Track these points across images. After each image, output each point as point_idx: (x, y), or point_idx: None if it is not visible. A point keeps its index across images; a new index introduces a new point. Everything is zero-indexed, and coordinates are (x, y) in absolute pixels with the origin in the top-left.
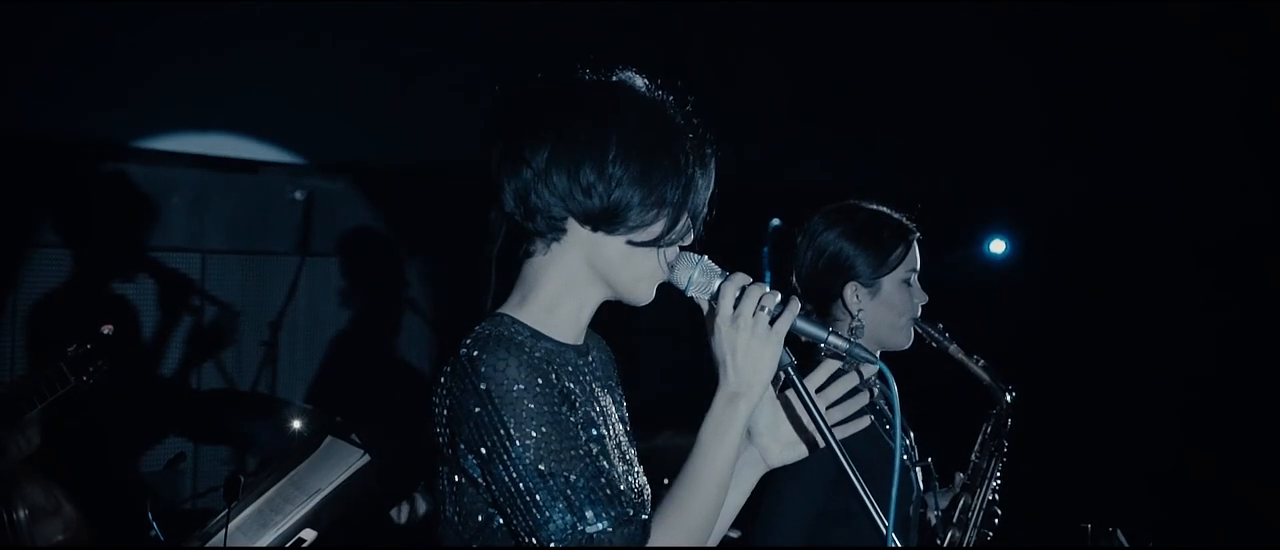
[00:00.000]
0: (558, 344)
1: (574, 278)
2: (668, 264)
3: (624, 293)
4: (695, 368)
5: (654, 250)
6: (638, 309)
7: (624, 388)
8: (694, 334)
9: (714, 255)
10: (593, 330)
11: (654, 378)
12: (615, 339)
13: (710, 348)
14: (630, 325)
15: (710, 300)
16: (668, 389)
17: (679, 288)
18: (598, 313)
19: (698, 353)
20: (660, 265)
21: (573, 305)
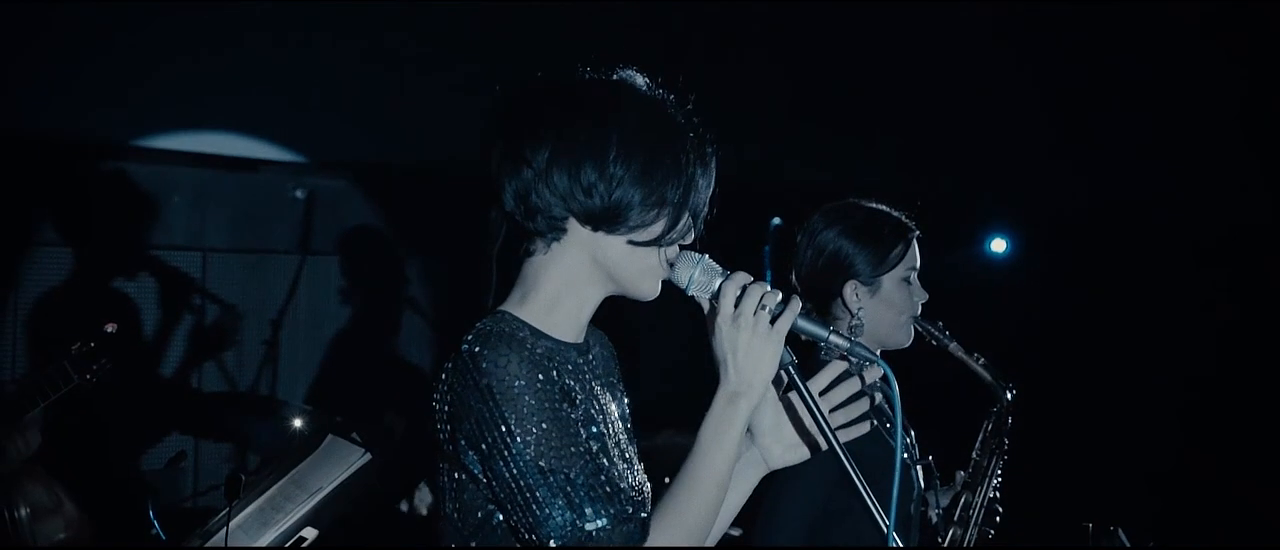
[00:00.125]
0: (558, 342)
1: (575, 276)
2: (668, 263)
3: (628, 289)
4: (696, 367)
5: (655, 249)
6: (638, 308)
7: (625, 386)
8: (695, 333)
9: (715, 254)
10: (595, 326)
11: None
12: (615, 337)
13: (711, 347)
14: (631, 324)
15: (711, 299)
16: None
17: (680, 286)
18: (597, 311)
19: (698, 352)
20: (661, 264)
21: (573, 304)
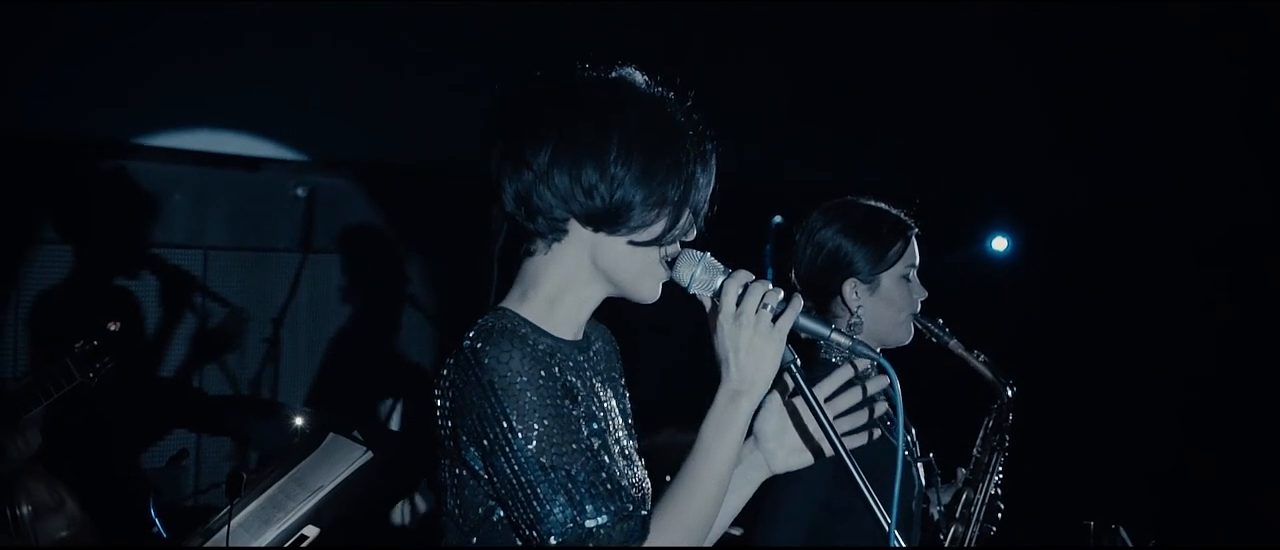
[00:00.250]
0: (559, 340)
1: (575, 276)
2: (668, 261)
3: (628, 291)
4: (697, 365)
5: (656, 249)
6: (640, 306)
7: (627, 382)
8: (696, 331)
9: (716, 252)
10: (597, 321)
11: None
12: (616, 336)
13: (712, 345)
14: (632, 323)
15: (713, 297)
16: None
17: (681, 285)
18: (598, 308)
19: (700, 350)
20: (662, 264)
21: (573, 303)
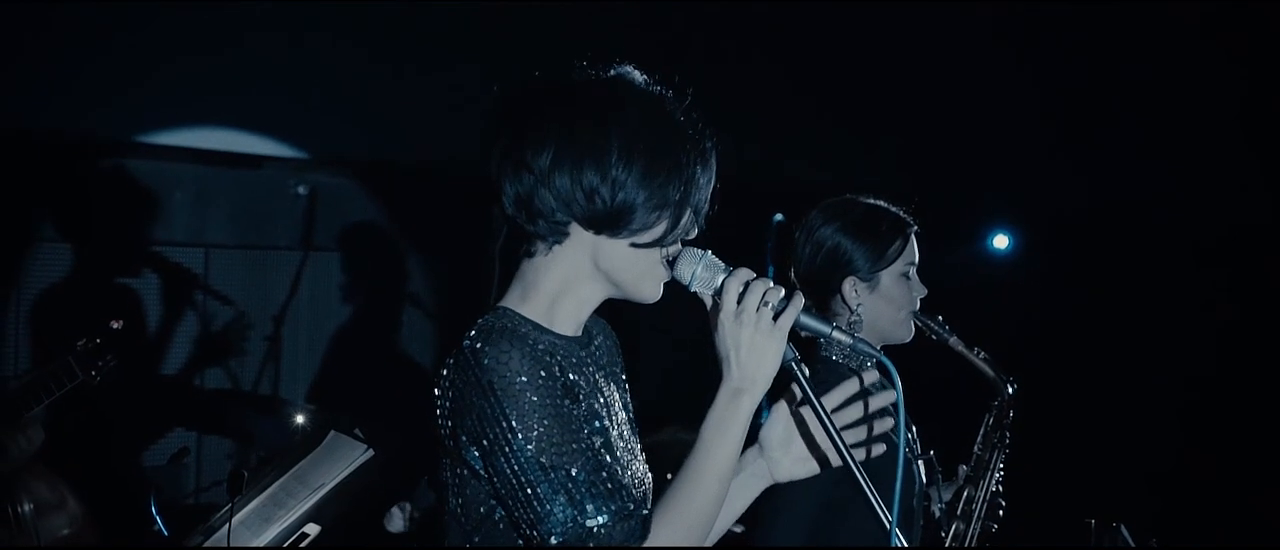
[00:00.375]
0: (559, 337)
1: (576, 277)
2: (669, 260)
3: (630, 292)
4: (698, 363)
5: (657, 250)
6: (640, 305)
7: (628, 377)
8: (697, 329)
9: (717, 250)
10: (597, 316)
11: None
12: (617, 334)
13: (713, 343)
14: (633, 321)
15: (714, 295)
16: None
17: (682, 283)
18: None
19: (701, 348)
20: (663, 264)
21: (574, 303)
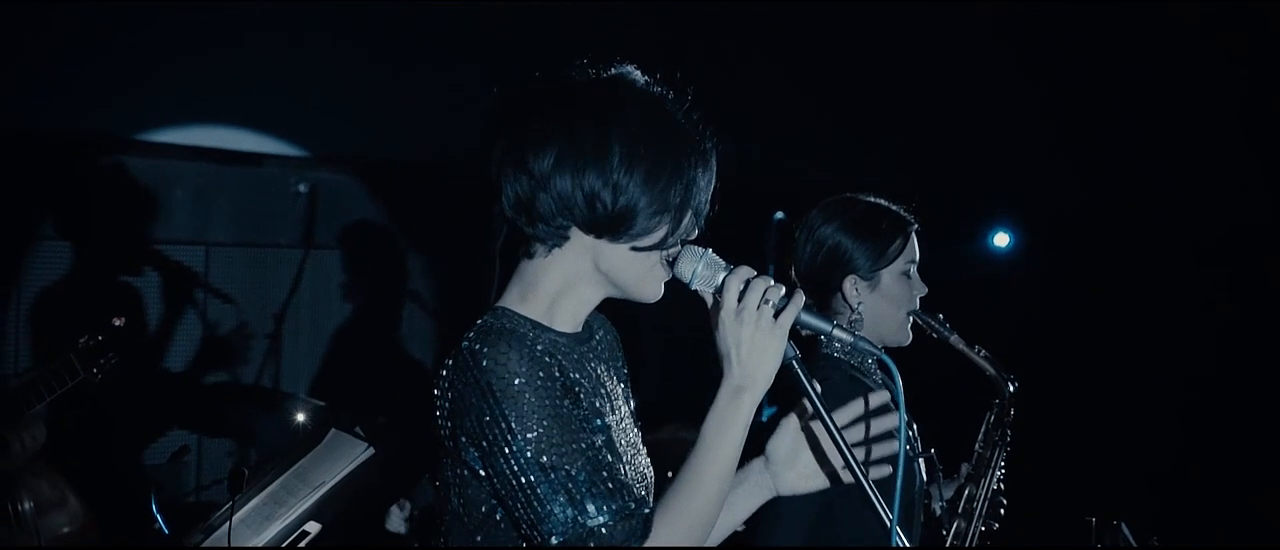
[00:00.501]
0: (560, 335)
1: (576, 278)
2: (669, 261)
3: (632, 293)
4: (699, 361)
5: (658, 252)
6: (641, 303)
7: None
8: (698, 327)
9: (717, 249)
10: (596, 311)
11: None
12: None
13: (714, 341)
14: (633, 319)
15: (714, 293)
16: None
17: (683, 281)
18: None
19: (701, 346)
20: (663, 265)
21: (574, 302)
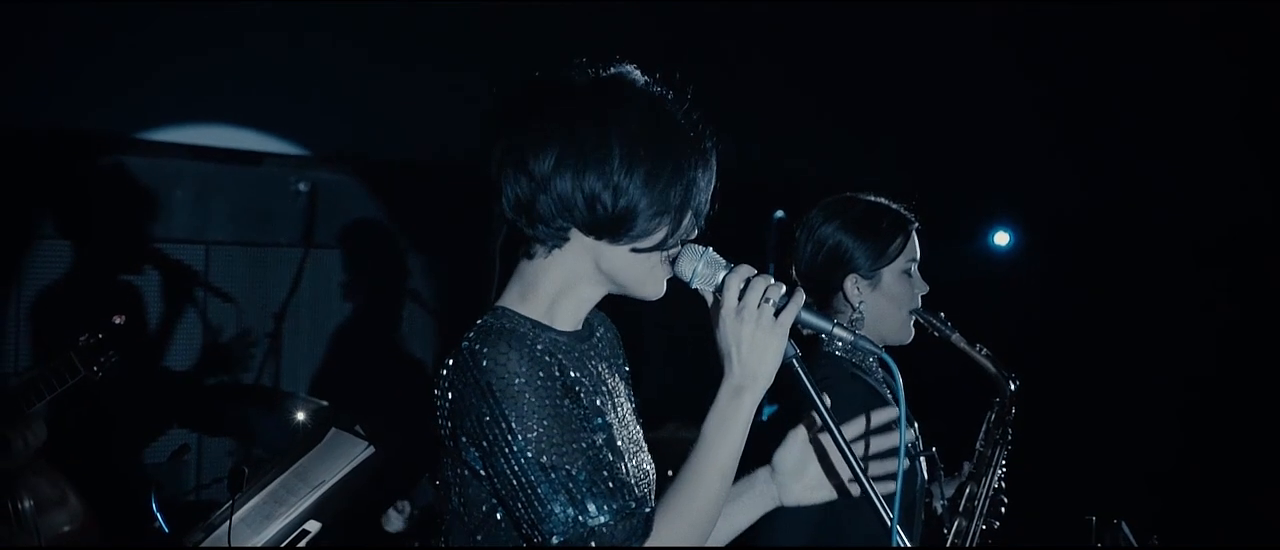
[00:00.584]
0: (560, 333)
1: (577, 278)
2: (669, 260)
3: (633, 292)
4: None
5: (659, 253)
6: (642, 302)
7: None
8: (698, 326)
9: (717, 248)
10: (596, 308)
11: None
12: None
13: (715, 340)
14: (634, 317)
15: (715, 292)
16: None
17: (683, 280)
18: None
19: (702, 345)
20: (663, 265)
21: (574, 301)
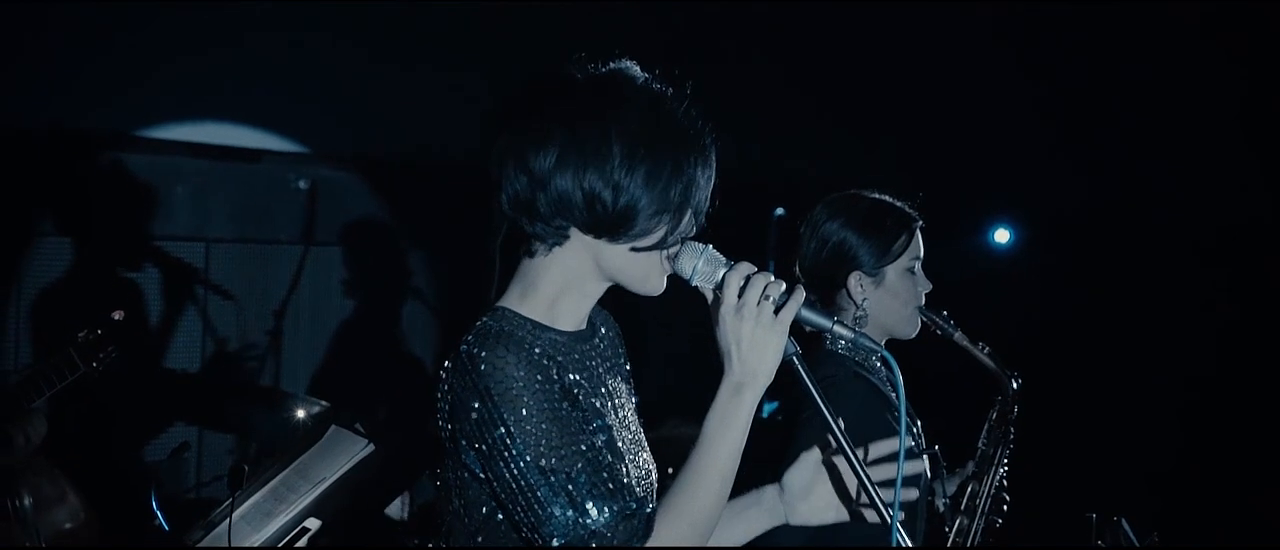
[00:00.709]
0: (560, 334)
1: (577, 277)
2: (669, 258)
3: (633, 289)
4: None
5: (659, 252)
6: (642, 299)
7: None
8: (699, 323)
9: (717, 246)
10: (599, 306)
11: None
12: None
13: (715, 337)
14: (635, 315)
15: (715, 289)
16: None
17: (683, 277)
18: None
19: (702, 342)
20: (663, 263)
21: (575, 300)
